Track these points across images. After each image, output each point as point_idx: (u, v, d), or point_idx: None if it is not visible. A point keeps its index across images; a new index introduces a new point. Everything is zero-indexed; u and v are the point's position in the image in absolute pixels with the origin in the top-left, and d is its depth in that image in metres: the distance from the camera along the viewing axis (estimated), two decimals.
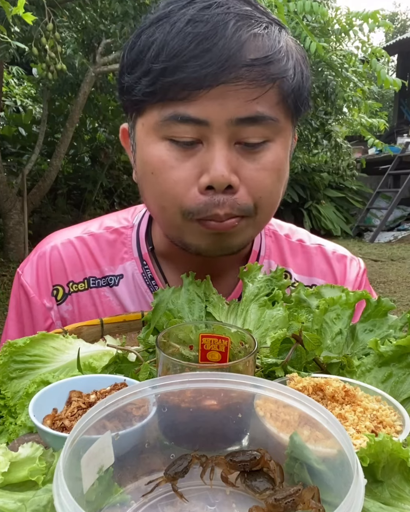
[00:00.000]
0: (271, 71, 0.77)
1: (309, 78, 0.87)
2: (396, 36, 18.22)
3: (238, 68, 0.75)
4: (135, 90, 0.81)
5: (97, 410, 0.48)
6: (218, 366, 0.63)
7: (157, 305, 0.82)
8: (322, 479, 0.47)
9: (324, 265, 1.09)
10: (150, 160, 0.83)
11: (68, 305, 1.02)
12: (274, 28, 0.81)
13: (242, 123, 0.78)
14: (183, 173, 0.81)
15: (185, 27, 0.76)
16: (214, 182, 0.79)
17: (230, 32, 0.75)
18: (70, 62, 5.72)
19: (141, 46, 0.80)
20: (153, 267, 1.03)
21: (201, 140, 0.80)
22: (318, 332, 0.76)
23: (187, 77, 0.75)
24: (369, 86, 6.72)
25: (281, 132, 0.84)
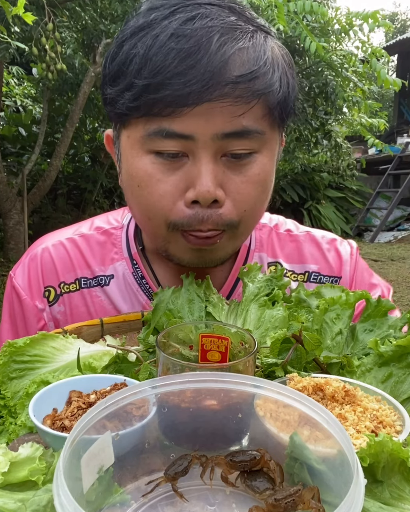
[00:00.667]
0: (256, 86, 0.77)
1: (295, 87, 0.86)
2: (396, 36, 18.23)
3: (222, 86, 0.74)
4: (119, 103, 0.80)
5: (97, 410, 0.48)
6: (218, 366, 0.63)
7: (157, 305, 0.82)
8: (322, 479, 0.47)
9: (315, 250, 1.10)
10: (136, 173, 0.83)
11: (60, 306, 1.03)
12: (259, 37, 0.80)
13: (228, 137, 0.78)
14: (170, 187, 0.81)
15: (168, 41, 0.75)
16: (199, 197, 0.79)
17: (214, 48, 0.74)
18: (70, 62, 5.72)
19: (123, 58, 0.79)
20: (143, 266, 1.03)
21: (187, 154, 0.80)
22: (318, 332, 0.76)
23: (170, 94, 0.75)
24: (369, 86, 6.72)
25: (267, 143, 0.84)
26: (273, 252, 1.09)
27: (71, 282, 1.03)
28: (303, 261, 1.08)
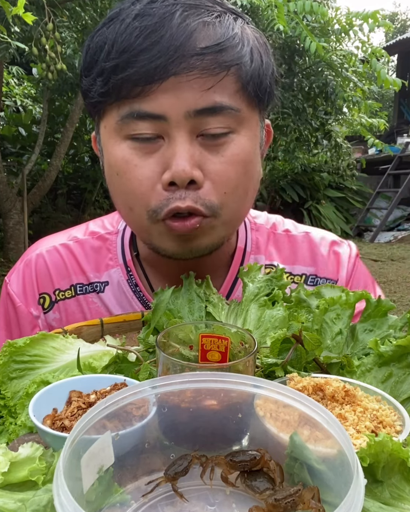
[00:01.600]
0: (224, 58, 0.76)
1: (271, 66, 0.84)
2: (396, 36, 18.23)
3: (187, 58, 0.74)
4: (92, 92, 0.80)
5: (97, 410, 0.48)
6: (218, 366, 0.63)
7: (157, 305, 0.82)
8: (322, 479, 0.47)
9: (313, 252, 1.07)
10: (114, 161, 0.82)
11: (55, 313, 1.02)
12: (228, 17, 0.79)
13: (200, 114, 0.77)
14: (147, 171, 0.80)
15: (133, 22, 0.75)
16: (175, 177, 0.77)
17: (177, 22, 0.74)
18: (70, 62, 5.72)
19: (94, 48, 0.80)
20: (137, 273, 1.02)
21: (162, 136, 0.79)
22: (318, 332, 0.76)
23: (137, 71, 0.75)
24: (369, 86, 6.73)
25: (244, 122, 0.81)
26: (269, 255, 1.07)
27: (67, 288, 1.02)
28: (300, 263, 1.06)
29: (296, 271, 1.06)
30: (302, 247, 1.08)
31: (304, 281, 1.05)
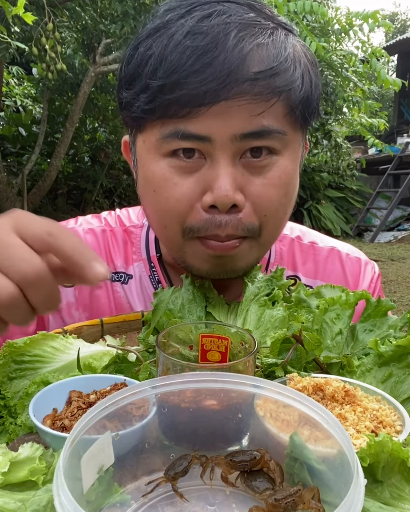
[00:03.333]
0: (277, 83, 0.73)
1: (319, 85, 0.82)
2: (396, 36, 18.22)
3: (240, 83, 0.71)
4: (134, 106, 0.78)
5: (97, 410, 0.48)
6: (218, 366, 0.63)
7: (157, 305, 0.82)
8: (322, 479, 0.47)
9: (336, 269, 1.06)
10: (152, 177, 0.80)
11: (76, 291, 1.01)
12: (280, 34, 0.76)
13: (246, 138, 0.75)
14: (187, 190, 0.77)
15: (184, 40, 0.72)
16: (217, 202, 0.75)
17: (231, 44, 0.71)
18: (70, 62, 5.73)
19: (139, 60, 0.76)
20: (160, 271, 1.01)
21: (205, 155, 0.77)
22: (318, 332, 0.76)
23: (187, 94, 0.72)
24: (369, 86, 6.73)
25: (288, 145, 0.80)
26: (293, 265, 1.06)
27: None
28: (322, 278, 1.05)
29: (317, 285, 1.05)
30: (327, 261, 1.07)
31: None
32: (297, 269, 1.06)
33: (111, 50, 6.05)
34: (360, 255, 1.11)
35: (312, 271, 1.06)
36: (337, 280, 1.05)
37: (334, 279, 1.05)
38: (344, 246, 1.12)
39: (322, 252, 1.08)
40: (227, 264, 0.83)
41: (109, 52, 6.06)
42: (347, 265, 1.07)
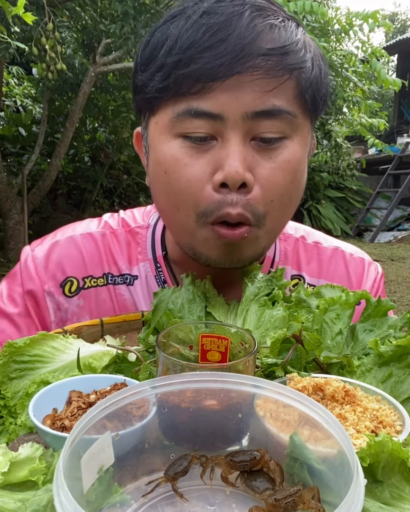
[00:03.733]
0: (288, 61, 0.76)
1: (328, 75, 0.84)
2: (396, 36, 18.22)
3: (253, 57, 0.73)
4: (149, 87, 0.79)
5: (97, 410, 0.48)
6: (218, 366, 0.63)
7: (157, 305, 0.82)
8: (322, 479, 0.47)
9: (340, 268, 1.07)
10: (163, 158, 0.81)
11: (79, 300, 1.00)
12: (290, 23, 0.80)
13: (258, 117, 0.76)
14: (197, 171, 0.78)
15: (200, 19, 0.75)
16: (228, 178, 0.76)
17: (245, 22, 0.74)
18: (70, 62, 5.73)
19: (155, 43, 0.79)
20: (166, 271, 1.01)
21: (216, 136, 0.78)
22: (318, 332, 0.76)
23: (201, 67, 0.74)
24: (369, 86, 6.73)
25: (298, 129, 0.81)
26: (297, 265, 1.06)
27: (99, 276, 1.01)
28: (326, 278, 1.06)
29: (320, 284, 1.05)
30: (331, 261, 1.07)
31: None
32: (301, 268, 1.06)
33: (111, 50, 6.04)
34: (364, 256, 1.11)
35: (316, 270, 1.07)
36: (340, 280, 1.05)
37: (337, 279, 1.05)
38: (348, 246, 1.12)
39: (326, 252, 1.08)
40: (235, 253, 0.84)
41: (109, 52, 6.06)
42: (351, 265, 1.08)
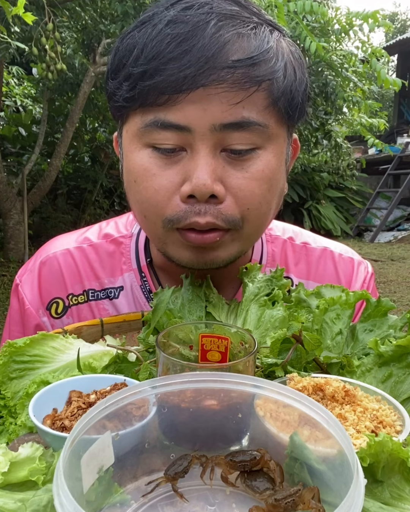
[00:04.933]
0: (256, 73, 0.73)
1: (304, 82, 0.81)
2: (396, 36, 18.22)
3: (218, 70, 0.71)
4: (117, 95, 0.79)
5: (97, 410, 0.48)
6: (218, 366, 0.63)
7: (157, 305, 0.82)
8: (322, 479, 0.47)
9: (329, 269, 1.06)
10: (133, 168, 0.80)
11: (69, 318, 1.00)
12: (264, 29, 0.76)
13: (226, 129, 0.74)
14: (165, 181, 0.77)
15: (165, 28, 0.73)
16: (195, 191, 0.75)
17: (210, 32, 0.72)
18: (70, 62, 5.73)
19: (123, 51, 0.78)
20: (151, 279, 1.00)
21: (185, 147, 0.77)
22: (318, 332, 0.76)
23: (165, 79, 0.72)
24: (369, 86, 6.73)
25: (271, 139, 0.79)
26: (285, 267, 1.05)
27: (79, 293, 1.00)
28: (314, 279, 1.05)
29: (309, 286, 1.02)
30: (319, 262, 1.06)
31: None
32: (289, 270, 1.05)
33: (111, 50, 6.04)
34: (353, 255, 1.10)
35: (305, 272, 1.06)
36: (330, 280, 1.04)
37: (326, 280, 1.04)
38: (337, 246, 1.11)
39: (315, 253, 1.07)
40: (207, 255, 0.82)
41: (109, 52, 6.05)
42: (340, 265, 1.07)
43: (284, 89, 0.76)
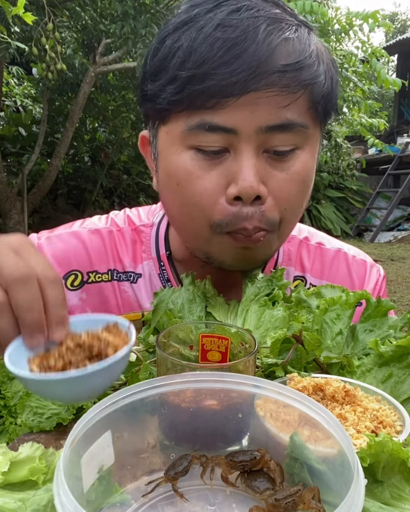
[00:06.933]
0: (303, 77, 0.75)
1: (338, 82, 0.84)
2: (396, 36, 18.23)
3: (269, 74, 0.72)
4: (160, 98, 0.78)
5: (97, 410, 0.48)
6: (218, 366, 0.63)
7: (157, 305, 0.82)
8: (322, 479, 0.47)
9: (342, 270, 1.07)
10: (175, 170, 0.80)
11: (83, 293, 1.01)
12: (303, 31, 0.78)
13: (271, 131, 0.76)
14: (210, 184, 0.78)
15: (214, 32, 0.73)
16: (242, 193, 0.76)
17: (261, 37, 0.72)
18: (70, 62, 5.72)
19: (166, 52, 0.77)
20: (170, 269, 1.02)
21: (229, 149, 0.77)
22: (318, 332, 0.76)
23: (216, 84, 0.72)
24: (369, 86, 6.72)
25: (309, 139, 0.81)
26: (301, 266, 1.07)
27: (104, 272, 1.02)
28: (328, 279, 1.06)
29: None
30: (333, 263, 1.08)
31: None
32: (305, 269, 1.07)
33: (111, 50, 6.04)
34: (366, 258, 1.12)
35: (319, 271, 1.07)
36: (342, 281, 1.05)
37: (339, 280, 1.06)
38: (351, 248, 1.13)
39: (329, 253, 1.09)
40: (249, 255, 0.84)
41: (109, 52, 6.06)
42: (353, 267, 1.08)
43: (324, 92, 0.79)
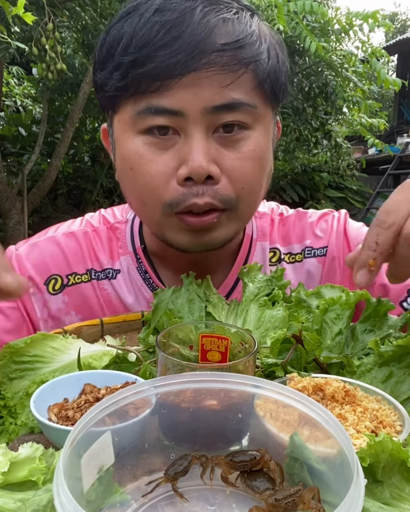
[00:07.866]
0: (243, 55, 0.77)
1: (286, 62, 0.85)
2: (396, 36, 18.22)
3: (208, 54, 0.75)
4: (108, 85, 0.80)
5: (98, 410, 0.48)
6: (218, 366, 0.63)
7: (157, 305, 0.82)
8: (322, 479, 0.47)
9: (305, 226, 1.08)
10: (128, 155, 0.83)
11: (64, 296, 1.02)
12: (245, 14, 0.80)
13: (218, 111, 0.78)
14: (161, 166, 0.80)
15: (153, 17, 0.76)
16: (192, 173, 0.78)
17: (198, 18, 0.75)
18: (70, 62, 5.72)
19: (111, 41, 0.80)
20: (146, 262, 1.04)
21: (178, 132, 0.79)
22: (318, 332, 0.76)
23: (157, 66, 0.75)
24: (369, 86, 6.72)
25: (260, 119, 0.83)
26: (272, 239, 1.09)
27: (83, 273, 1.03)
28: (297, 240, 1.08)
29: (295, 250, 1.07)
30: (295, 224, 1.09)
31: (303, 255, 1.06)
32: (275, 241, 1.08)
33: None
34: (326, 210, 1.13)
35: (287, 238, 1.09)
36: (310, 236, 1.06)
37: (307, 236, 1.06)
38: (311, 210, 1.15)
39: (290, 218, 1.10)
40: (206, 236, 0.85)
41: None
42: (312, 219, 1.09)
43: (269, 70, 0.80)
